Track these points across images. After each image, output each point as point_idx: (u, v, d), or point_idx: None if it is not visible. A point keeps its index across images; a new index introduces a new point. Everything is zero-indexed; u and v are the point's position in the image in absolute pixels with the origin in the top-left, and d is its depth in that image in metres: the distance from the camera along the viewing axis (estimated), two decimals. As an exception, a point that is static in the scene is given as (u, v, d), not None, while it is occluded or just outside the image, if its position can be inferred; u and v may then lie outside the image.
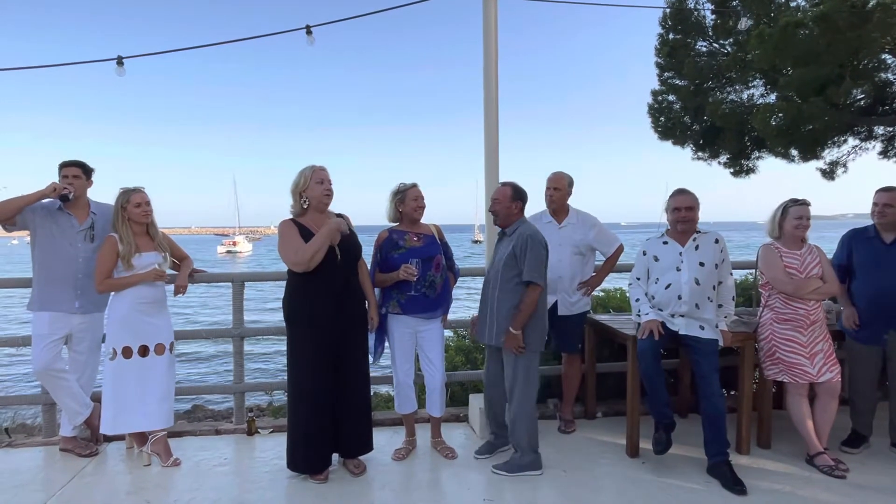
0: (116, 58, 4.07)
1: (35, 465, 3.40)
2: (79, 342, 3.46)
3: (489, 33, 3.73)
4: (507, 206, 3.23)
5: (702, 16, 7.15)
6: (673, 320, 3.18)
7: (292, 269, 3.01)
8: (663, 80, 7.71)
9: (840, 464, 3.14)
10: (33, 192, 3.24)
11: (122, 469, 3.31)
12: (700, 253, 3.17)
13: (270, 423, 4.00)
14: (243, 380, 4.08)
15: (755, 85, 7.15)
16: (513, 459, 3.22)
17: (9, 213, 3.23)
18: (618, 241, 3.82)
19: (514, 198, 3.23)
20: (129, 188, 3.31)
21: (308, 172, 3.07)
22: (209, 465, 3.35)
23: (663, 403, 3.18)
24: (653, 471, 3.21)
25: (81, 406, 3.45)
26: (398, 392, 3.45)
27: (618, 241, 3.81)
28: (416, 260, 3.21)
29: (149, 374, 3.26)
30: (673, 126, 7.81)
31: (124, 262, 3.19)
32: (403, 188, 3.36)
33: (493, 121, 3.77)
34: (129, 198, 3.26)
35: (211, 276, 4.02)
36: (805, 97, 5.85)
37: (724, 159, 7.89)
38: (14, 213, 3.24)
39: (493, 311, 3.20)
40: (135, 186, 3.33)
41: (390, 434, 3.72)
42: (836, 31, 5.23)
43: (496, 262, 3.25)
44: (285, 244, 2.98)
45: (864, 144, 7.26)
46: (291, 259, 2.95)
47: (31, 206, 3.29)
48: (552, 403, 4.20)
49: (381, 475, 3.19)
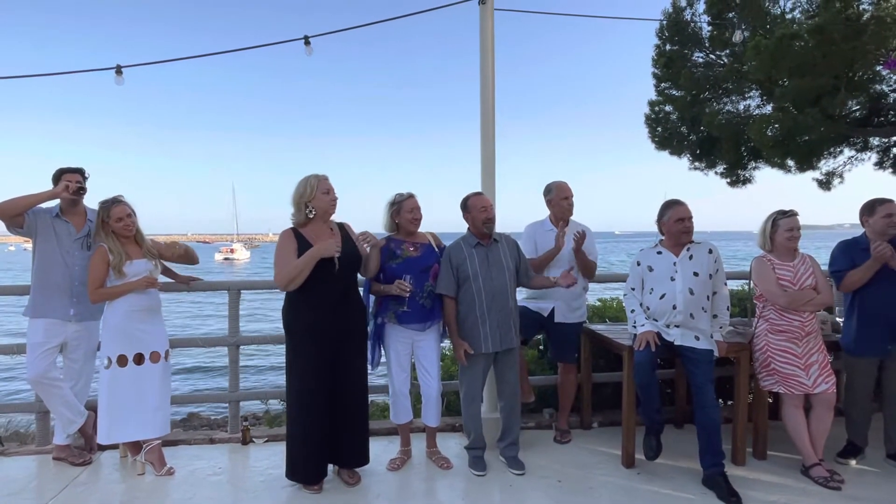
0: (115, 67, 4.09)
1: (28, 473, 3.38)
2: (74, 350, 3.45)
3: (485, 45, 3.76)
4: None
5: (698, 27, 7.22)
6: (668, 331, 3.19)
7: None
8: (660, 90, 7.78)
9: (835, 475, 3.13)
10: (44, 192, 3.21)
11: (116, 478, 3.30)
12: (694, 263, 3.19)
13: (265, 433, 3.99)
14: (238, 388, 4.07)
15: (751, 96, 7.22)
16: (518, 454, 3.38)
17: (18, 210, 3.18)
18: (596, 258, 3.84)
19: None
20: (108, 200, 3.26)
21: (314, 182, 3.05)
22: (203, 475, 3.33)
23: (655, 409, 3.19)
24: (648, 481, 3.20)
25: (75, 414, 3.44)
26: (394, 402, 3.44)
27: (596, 258, 3.84)
28: (409, 276, 3.20)
29: (144, 383, 3.25)
30: (670, 136, 7.87)
31: (115, 272, 3.18)
32: (400, 199, 3.36)
33: (489, 130, 3.78)
34: (110, 212, 3.21)
35: (207, 285, 4.02)
36: (801, 108, 5.91)
37: (721, 169, 7.95)
38: (23, 211, 3.19)
39: (513, 314, 3.31)
40: (114, 197, 3.28)
41: (385, 443, 3.70)
42: (831, 42, 5.29)
43: (505, 269, 3.28)
44: (277, 259, 3.00)
45: (860, 155, 7.32)
46: (275, 279, 2.99)
47: (34, 209, 3.29)
48: (547, 413, 4.20)
49: (376, 485, 3.17)
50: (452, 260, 3.29)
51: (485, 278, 3.24)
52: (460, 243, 3.34)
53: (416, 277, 3.23)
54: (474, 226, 3.34)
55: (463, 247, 3.32)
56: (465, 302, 3.27)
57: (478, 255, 3.28)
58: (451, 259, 3.30)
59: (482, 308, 3.23)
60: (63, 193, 3.25)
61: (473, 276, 3.24)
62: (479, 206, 3.31)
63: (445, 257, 3.32)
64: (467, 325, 3.27)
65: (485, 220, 3.28)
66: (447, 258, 3.31)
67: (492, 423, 3.58)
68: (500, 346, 3.26)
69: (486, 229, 3.29)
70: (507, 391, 3.39)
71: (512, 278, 3.32)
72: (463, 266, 3.26)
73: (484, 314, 3.23)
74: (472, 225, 3.36)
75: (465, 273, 3.25)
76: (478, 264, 3.26)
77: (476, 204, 3.32)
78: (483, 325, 3.23)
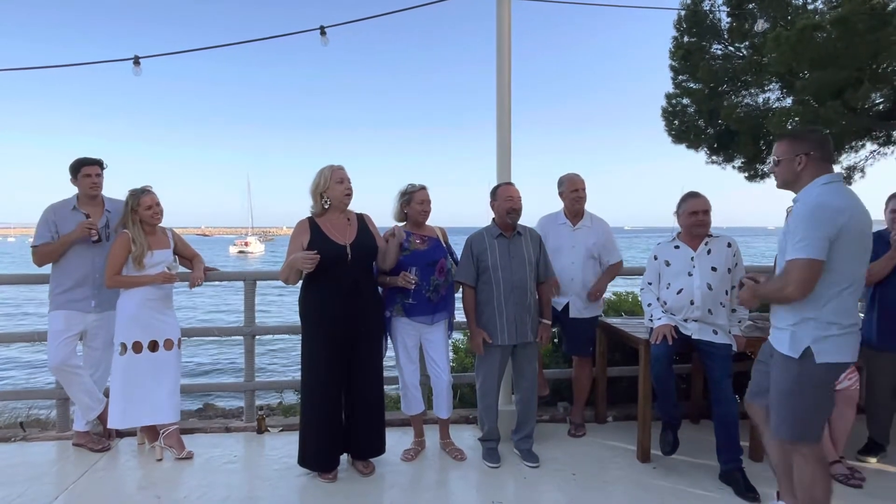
0: (133, 57, 4.12)
1: (48, 458, 3.44)
2: (94, 338, 3.50)
3: (502, 35, 3.71)
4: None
5: (717, 19, 7.09)
6: (685, 325, 3.15)
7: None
8: (677, 83, 7.66)
9: (856, 472, 3.08)
10: (67, 237, 3.34)
11: (134, 464, 3.34)
12: (712, 257, 3.14)
13: (280, 422, 4.02)
14: (254, 378, 4.11)
15: (771, 88, 7.08)
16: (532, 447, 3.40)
17: (55, 257, 3.38)
18: (620, 255, 3.83)
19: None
20: (137, 189, 3.33)
21: (327, 172, 3.08)
22: (219, 462, 3.37)
23: (672, 404, 3.16)
24: (664, 477, 3.17)
25: (95, 401, 3.49)
26: (404, 394, 3.45)
27: (620, 256, 3.83)
28: (414, 268, 3.19)
29: (159, 369, 3.31)
30: (687, 129, 7.75)
31: (135, 262, 3.22)
32: (411, 189, 3.36)
33: (505, 123, 3.74)
34: (140, 200, 3.28)
35: (223, 275, 4.06)
36: (822, 101, 5.78)
37: (739, 163, 7.82)
38: (58, 257, 3.38)
39: (531, 309, 3.29)
40: (143, 187, 3.34)
41: (399, 434, 3.71)
42: (854, 34, 5.16)
43: (526, 263, 3.26)
44: (289, 248, 3.06)
45: (883, 149, 7.16)
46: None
47: (52, 207, 3.40)
48: (562, 407, 4.18)
49: (390, 475, 3.19)
50: (473, 249, 3.28)
51: (504, 270, 3.22)
52: (483, 233, 3.33)
53: (421, 270, 3.21)
54: (499, 215, 3.31)
55: (485, 236, 3.30)
56: (484, 292, 3.26)
57: (499, 247, 3.26)
58: (473, 248, 3.28)
59: (500, 300, 3.21)
60: (82, 236, 3.34)
61: (493, 267, 3.22)
62: (506, 196, 3.29)
63: (467, 246, 3.31)
64: (485, 317, 3.26)
65: (509, 210, 3.25)
66: (468, 247, 3.30)
67: (506, 415, 3.57)
68: (515, 339, 3.24)
69: (510, 220, 3.26)
70: (525, 384, 3.38)
71: (532, 272, 3.29)
72: (483, 256, 3.24)
73: (501, 306, 3.21)
74: (496, 214, 3.33)
75: (484, 263, 3.24)
76: (498, 256, 3.24)
77: (504, 193, 3.30)
78: (500, 318, 3.22)
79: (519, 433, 3.42)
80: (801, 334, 2.21)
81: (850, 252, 2.13)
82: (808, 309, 2.18)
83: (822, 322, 2.17)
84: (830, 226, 2.08)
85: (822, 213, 2.10)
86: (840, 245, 2.10)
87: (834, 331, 2.17)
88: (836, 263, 2.12)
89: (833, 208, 2.11)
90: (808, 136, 2.29)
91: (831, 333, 2.17)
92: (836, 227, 2.08)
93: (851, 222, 2.11)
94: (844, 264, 2.13)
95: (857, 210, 2.17)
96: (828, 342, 2.17)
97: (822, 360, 2.18)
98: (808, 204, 2.16)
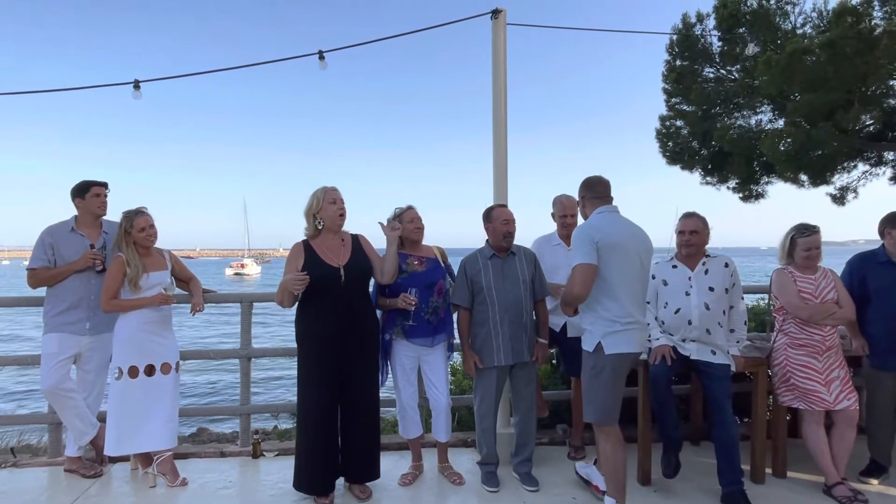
0: (133, 81, 4.16)
1: (39, 485, 3.37)
2: (87, 361, 3.46)
3: (497, 59, 3.79)
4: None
5: (708, 43, 7.23)
6: (684, 345, 3.14)
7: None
8: (671, 105, 7.77)
9: (859, 494, 3.05)
10: (71, 265, 3.35)
11: (127, 490, 3.28)
12: (709, 277, 3.15)
13: (276, 446, 3.96)
14: (250, 401, 4.06)
15: (763, 110, 7.19)
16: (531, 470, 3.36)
17: (57, 281, 3.38)
18: None
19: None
20: (131, 211, 3.29)
21: (320, 194, 3.10)
22: (214, 488, 3.31)
23: (672, 426, 3.13)
24: (665, 499, 3.13)
25: (88, 426, 3.44)
26: (402, 416, 3.41)
27: None
28: (413, 289, 3.19)
29: (155, 394, 3.25)
30: (681, 151, 7.84)
31: (131, 285, 3.19)
32: (399, 212, 3.37)
33: (501, 146, 3.80)
34: (133, 222, 3.24)
35: (220, 297, 4.04)
36: (813, 123, 5.87)
37: (733, 184, 7.89)
38: (59, 282, 3.38)
39: (528, 328, 3.27)
40: (137, 208, 3.31)
41: (396, 458, 3.66)
42: (843, 57, 5.27)
43: (521, 283, 3.25)
44: (284, 271, 3.05)
45: (875, 170, 7.24)
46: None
47: (49, 229, 3.40)
48: (561, 429, 4.14)
49: (387, 500, 3.13)
50: (467, 271, 3.28)
51: (499, 290, 3.22)
52: (476, 255, 3.33)
53: (420, 292, 3.20)
54: (494, 237, 3.32)
55: (479, 258, 3.31)
56: (480, 313, 3.25)
57: (493, 267, 3.27)
58: (466, 270, 3.29)
59: (496, 320, 3.20)
60: (84, 265, 3.35)
61: (487, 288, 3.22)
62: (502, 219, 3.30)
63: (461, 268, 3.32)
64: (480, 337, 3.25)
65: (505, 234, 3.27)
66: (462, 269, 3.31)
67: (505, 438, 3.53)
68: (511, 359, 3.22)
69: (506, 242, 3.28)
70: (523, 406, 3.35)
71: (528, 291, 3.29)
72: (477, 277, 3.25)
73: (497, 326, 3.21)
74: (491, 236, 3.34)
75: (479, 284, 3.24)
76: (492, 276, 3.24)
77: (499, 216, 3.31)
78: (496, 338, 3.21)
79: (518, 456, 3.38)
80: (593, 331, 2.73)
81: (614, 263, 2.66)
82: (596, 311, 2.72)
83: (607, 320, 2.68)
84: (588, 239, 2.66)
85: (583, 231, 2.73)
86: (604, 257, 2.65)
87: (617, 327, 2.67)
88: (606, 272, 2.66)
89: (591, 227, 2.74)
90: (582, 184, 2.96)
91: (615, 329, 2.67)
92: (593, 240, 2.65)
93: (608, 239, 2.66)
94: (612, 272, 2.67)
95: (617, 230, 2.73)
96: (613, 336, 2.67)
97: (610, 351, 2.67)
98: (579, 226, 2.84)
